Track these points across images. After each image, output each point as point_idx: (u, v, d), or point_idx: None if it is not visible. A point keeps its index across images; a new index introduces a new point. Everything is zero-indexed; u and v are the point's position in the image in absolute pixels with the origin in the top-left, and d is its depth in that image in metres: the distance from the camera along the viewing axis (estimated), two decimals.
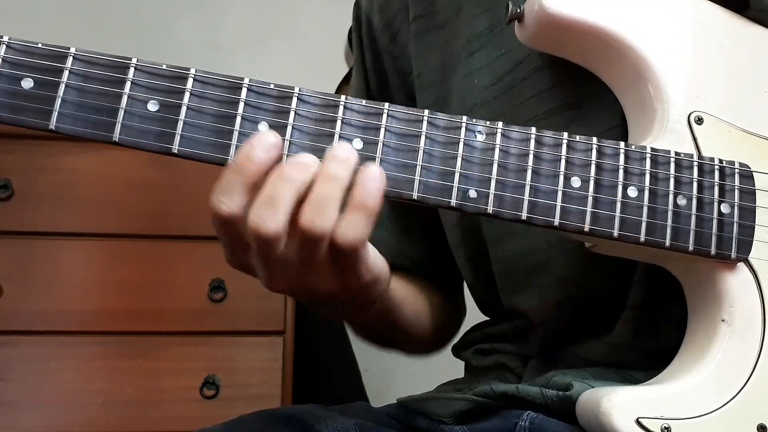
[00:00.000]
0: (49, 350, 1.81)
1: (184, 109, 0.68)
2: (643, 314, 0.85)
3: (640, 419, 0.72)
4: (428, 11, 1.01)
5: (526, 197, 0.73)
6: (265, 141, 0.67)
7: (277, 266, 0.70)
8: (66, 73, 0.67)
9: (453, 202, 0.71)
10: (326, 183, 0.67)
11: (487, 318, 1.07)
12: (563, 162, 0.74)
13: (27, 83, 0.67)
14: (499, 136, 0.73)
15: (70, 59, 0.68)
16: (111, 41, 2.32)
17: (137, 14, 2.42)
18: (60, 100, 0.67)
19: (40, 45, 0.68)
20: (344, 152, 0.68)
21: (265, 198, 0.67)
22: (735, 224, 0.76)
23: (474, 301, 1.05)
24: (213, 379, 1.83)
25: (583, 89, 0.87)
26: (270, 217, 0.66)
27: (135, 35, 2.37)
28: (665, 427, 0.72)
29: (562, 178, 0.73)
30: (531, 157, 0.73)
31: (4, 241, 1.80)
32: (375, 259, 0.74)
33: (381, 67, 1.08)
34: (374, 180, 0.68)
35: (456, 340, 1.12)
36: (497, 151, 0.73)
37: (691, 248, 0.75)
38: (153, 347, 1.84)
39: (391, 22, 1.05)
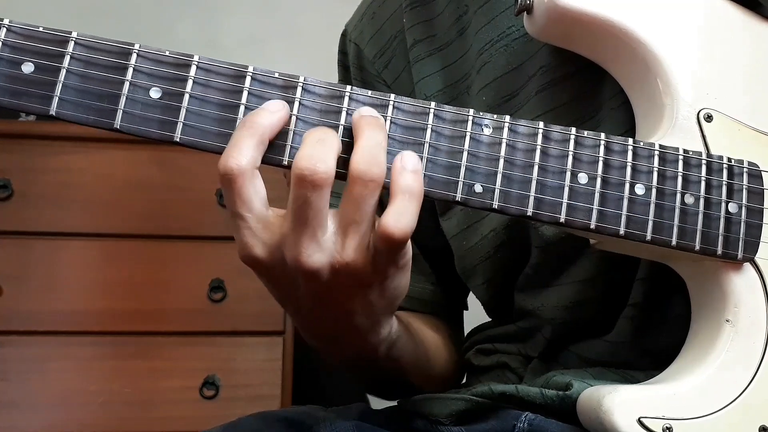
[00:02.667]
0: (48, 350, 1.81)
1: (186, 97, 0.67)
2: (643, 313, 0.85)
3: (641, 419, 0.71)
4: (428, 35, 1.00)
5: (532, 193, 0.72)
6: (272, 105, 0.68)
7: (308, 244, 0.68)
8: (67, 58, 0.66)
9: (458, 196, 0.71)
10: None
11: (489, 319, 1.06)
12: (570, 158, 0.73)
13: (27, 67, 0.65)
14: (506, 130, 0.72)
15: (71, 44, 0.66)
16: None
17: (137, 14, 2.42)
18: (61, 85, 0.66)
19: (41, 29, 0.67)
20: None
21: (313, 140, 0.66)
22: (742, 224, 0.76)
23: (480, 302, 1.05)
24: (213, 380, 1.83)
25: (595, 98, 0.86)
26: (322, 157, 0.65)
27: (135, 35, 2.35)
28: (667, 427, 0.71)
29: (569, 174, 0.72)
30: (538, 152, 0.72)
31: (3, 241, 1.81)
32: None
33: None
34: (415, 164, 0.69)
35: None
36: (504, 146, 0.72)
37: (697, 247, 0.74)
38: (153, 347, 1.85)
39: (385, 49, 1.04)
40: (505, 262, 0.94)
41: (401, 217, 0.67)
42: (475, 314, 1.09)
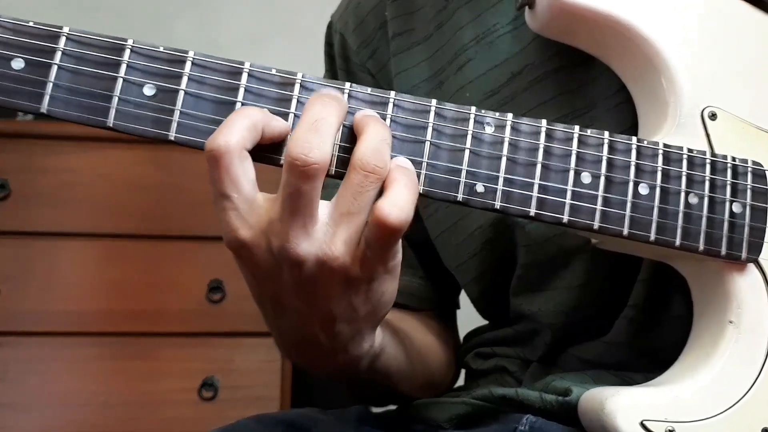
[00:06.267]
0: (47, 351, 1.81)
1: (181, 94, 0.65)
2: (643, 313, 0.85)
3: (644, 421, 0.71)
4: (407, 28, 1.00)
5: (535, 194, 0.70)
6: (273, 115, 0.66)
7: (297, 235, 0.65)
8: (59, 54, 0.64)
9: (459, 196, 0.69)
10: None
11: (486, 322, 1.05)
12: (574, 157, 0.72)
13: (17, 64, 0.64)
14: (508, 128, 0.71)
15: (63, 39, 0.65)
16: None
17: (137, 13, 2.41)
18: (52, 83, 0.64)
19: (31, 24, 0.65)
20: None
21: (308, 123, 0.63)
22: (746, 225, 0.75)
23: (473, 305, 1.04)
24: (211, 381, 1.83)
25: (587, 95, 0.86)
26: (317, 144, 0.62)
27: (135, 35, 2.34)
28: (669, 430, 0.71)
29: (572, 174, 0.71)
30: (541, 151, 0.71)
31: (1, 241, 1.80)
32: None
33: None
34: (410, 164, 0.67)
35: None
36: (506, 144, 0.70)
37: (701, 248, 0.74)
38: (151, 348, 1.85)
39: (369, 40, 1.04)
40: (493, 259, 0.94)
41: (396, 206, 0.63)
42: (474, 317, 1.08)
